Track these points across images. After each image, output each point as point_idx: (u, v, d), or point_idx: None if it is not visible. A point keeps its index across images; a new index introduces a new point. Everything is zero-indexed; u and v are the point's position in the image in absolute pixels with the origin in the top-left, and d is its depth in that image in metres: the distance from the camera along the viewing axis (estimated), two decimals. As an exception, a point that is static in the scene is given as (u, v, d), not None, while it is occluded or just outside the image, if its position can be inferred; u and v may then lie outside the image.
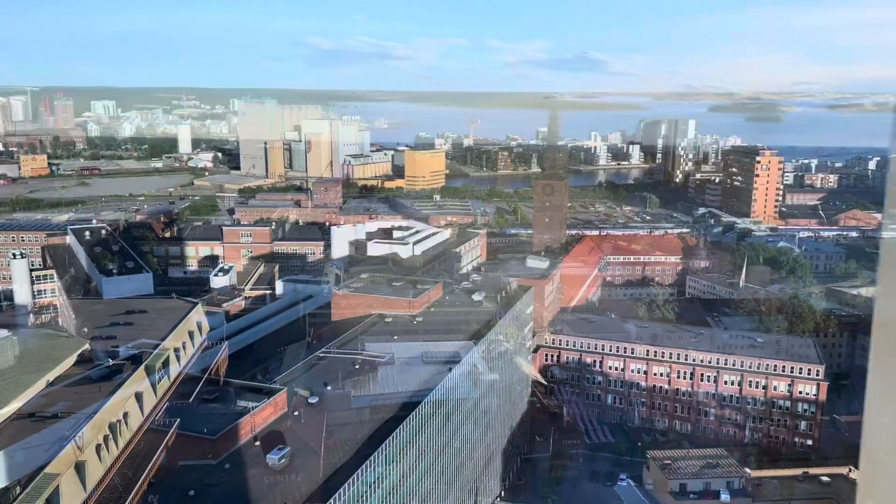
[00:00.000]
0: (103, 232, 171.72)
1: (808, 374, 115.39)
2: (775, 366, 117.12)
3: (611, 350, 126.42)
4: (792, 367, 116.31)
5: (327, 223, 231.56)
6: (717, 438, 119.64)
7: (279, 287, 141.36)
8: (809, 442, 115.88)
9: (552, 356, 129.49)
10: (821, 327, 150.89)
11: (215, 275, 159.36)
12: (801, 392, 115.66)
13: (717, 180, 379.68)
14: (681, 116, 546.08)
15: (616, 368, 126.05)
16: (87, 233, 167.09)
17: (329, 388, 70.39)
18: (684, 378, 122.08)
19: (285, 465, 56.89)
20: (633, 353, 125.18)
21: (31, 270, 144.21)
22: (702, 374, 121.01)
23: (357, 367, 76.31)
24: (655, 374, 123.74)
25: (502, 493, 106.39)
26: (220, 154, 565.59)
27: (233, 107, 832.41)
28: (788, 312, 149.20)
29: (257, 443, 59.02)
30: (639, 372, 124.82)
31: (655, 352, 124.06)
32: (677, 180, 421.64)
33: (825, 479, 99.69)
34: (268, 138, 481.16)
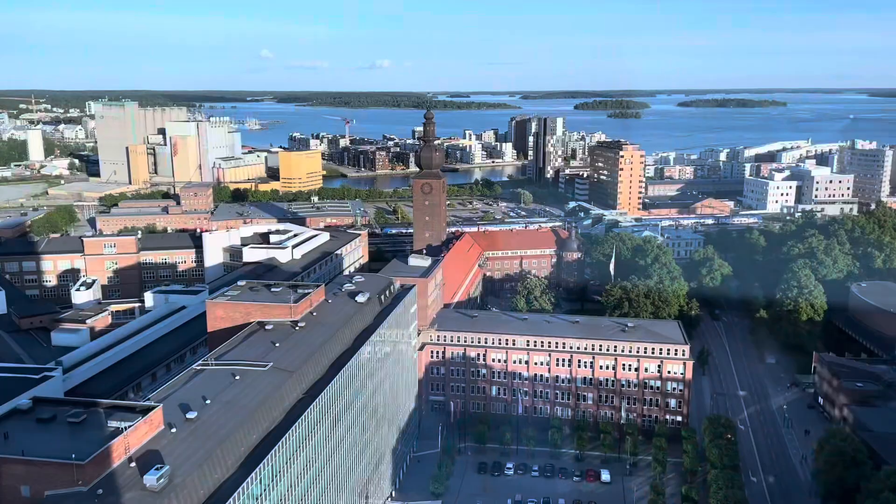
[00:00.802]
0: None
1: (676, 354, 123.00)
2: (645, 348, 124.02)
3: (493, 343, 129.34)
4: (661, 349, 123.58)
5: (198, 230, 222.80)
6: (595, 421, 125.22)
7: (149, 299, 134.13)
8: (679, 418, 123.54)
9: (438, 352, 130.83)
10: (684, 310, 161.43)
11: (77, 289, 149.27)
12: (669, 372, 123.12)
13: (585, 175, 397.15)
14: (549, 114, 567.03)
15: (499, 360, 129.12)
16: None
17: (208, 401, 67.60)
18: (563, 365, 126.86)
19: (164, 484, 54.12)
20: (514, 344, 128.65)
21: None
22: (579, 361, 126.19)
23: (237, 377, 73.68)
24: (536, 364, 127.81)
25: (393, 493, 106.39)
26: (76, 160, 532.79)
27: (89, 110, 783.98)
28: (655, 297, 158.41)
29: (132, 464, 55.71)
30: (520, 362, 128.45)
31: (535, 342, 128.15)
32: (548, 176, 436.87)
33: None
34: (129, 142, 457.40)
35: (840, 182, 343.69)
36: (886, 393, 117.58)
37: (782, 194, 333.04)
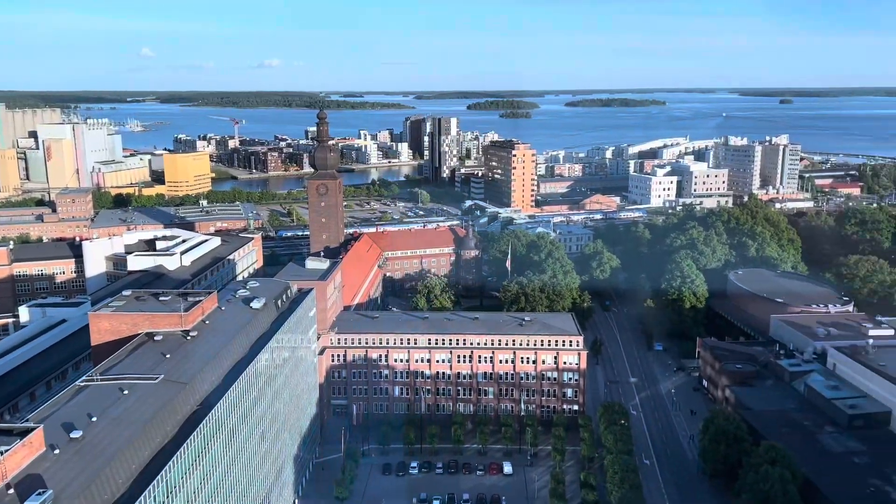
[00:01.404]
0: None
1: (570, 345, 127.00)
2: (542, 341, 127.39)
3: (395, 343, 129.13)
4: (556, 341, 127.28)
5: (78, 238, 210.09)
6: (497, 415, 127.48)
7: (24, 314, 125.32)
8: (576, 407, 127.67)
9: (339, 356, 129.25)
10: (577, 302, 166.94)
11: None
12: (565, 363, 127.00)
13: (480, 174, 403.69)
14: (443, 114, 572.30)
15: (401, 360, 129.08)
16: None
17: (94, 418, 63.87)
18: (464, 362, 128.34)
19: (48, 511, 50.75)
20: (415, 343, 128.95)
21: None
22: (479, 356, 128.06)
23: (125, 392, 69.96)
24: (438, 361, 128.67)
25: (296, 500, 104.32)
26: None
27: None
28: (549, 291, 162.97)
29: (11, 490, 51.91)
30: (422, 361, 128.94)
31: (436, 340, 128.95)
32: (445, 175, 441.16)
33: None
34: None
35: (716, 176, 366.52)
36: (762, 373, 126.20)
37: (664, 189, 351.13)
